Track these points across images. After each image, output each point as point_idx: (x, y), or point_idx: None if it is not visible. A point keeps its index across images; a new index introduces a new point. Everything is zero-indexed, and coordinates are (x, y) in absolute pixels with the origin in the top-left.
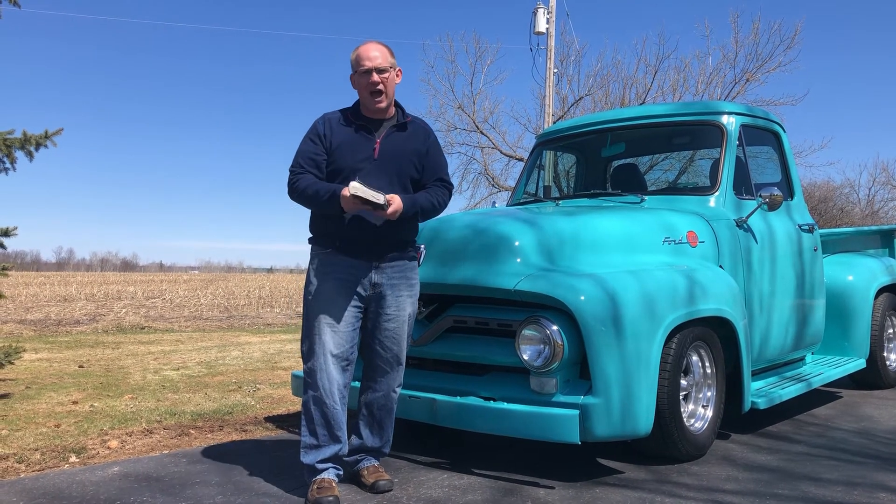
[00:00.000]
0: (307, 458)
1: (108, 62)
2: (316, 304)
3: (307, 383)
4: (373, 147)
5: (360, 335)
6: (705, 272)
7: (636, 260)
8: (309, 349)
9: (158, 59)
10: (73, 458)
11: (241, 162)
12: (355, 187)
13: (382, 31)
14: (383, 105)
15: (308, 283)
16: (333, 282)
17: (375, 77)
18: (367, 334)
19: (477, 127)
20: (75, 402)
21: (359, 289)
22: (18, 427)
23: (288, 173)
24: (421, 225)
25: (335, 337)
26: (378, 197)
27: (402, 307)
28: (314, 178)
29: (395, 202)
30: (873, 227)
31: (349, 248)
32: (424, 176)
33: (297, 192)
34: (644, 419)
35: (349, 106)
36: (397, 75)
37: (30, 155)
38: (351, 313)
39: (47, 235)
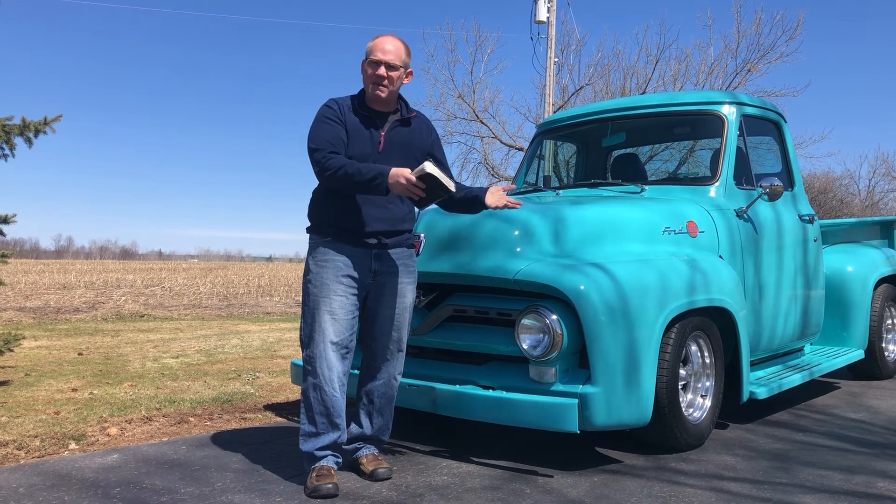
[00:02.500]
0: (306, 445)
1: (107, 49)
2: (315, 292)
3: (306, 371)
4: (378, 140)
5: (359, 323)
6: (705, 262)
7: (636, 250)
8: (308, 337)
9: (158, 47)
10: (72, 445)
11: (241, 150)
12: (431, 167)
13: (383, 20)
14: (382, 96)
15: (307, 271)
16: (332, 270)
17: (383, 71)
18: (367, 322)
19: (477, 116)
20: (74, 390)
21: (359, 277)
22: (18, 414)
23: (313, 155)
24: (420, 213)
25: (334, 325)
26: (451, 184)
27: (403, 294)
28: (351, 160)
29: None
30: (873, 218)
31: (348, 237)
32: None
33: (331, 170)
34: (643, 408)
35: (355, 94)
36: (407, 76)
37: (29, 141)
38: (350, 301)
39: (46, 223)
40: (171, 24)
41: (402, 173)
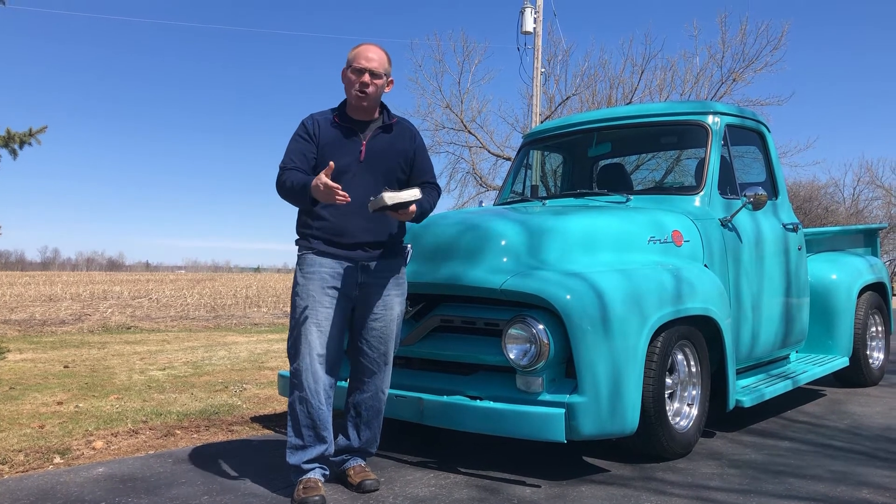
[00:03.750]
0: (293, 458)
1: (91, 60)
2: (303, 304)
3: (293, 384)
4: (359, 149)
5: (347, 335)
6: (690, 271)
7: (622, 259)
8: (295, 349)
9: (141, 57)
10: (57, 459)
11: (228, 160)
12: (391, 197)
13: (369, 30)
14: (365, 105)
15: (295, 282)
16: (320, 282)
17: (367, 78)
18: (355, 334)
19: (465, 126)
20: (60, 403)
21: (346, 289)
22: (2, 428)
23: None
24: (407, 224)
25: (321, 337)
26: (415, 193)
27: (390, 306)
28: (297, 173)
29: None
30: (857, 227)
31: (335, 248)
32: (413, 178)
33: (280, 187)
34: (629, 418)
35: (335, 106)
36: (388, 84)
37: (14, 153)
38: (338, 313)
39: (32, 235)
40: (158, 34)
41: (319, 180)
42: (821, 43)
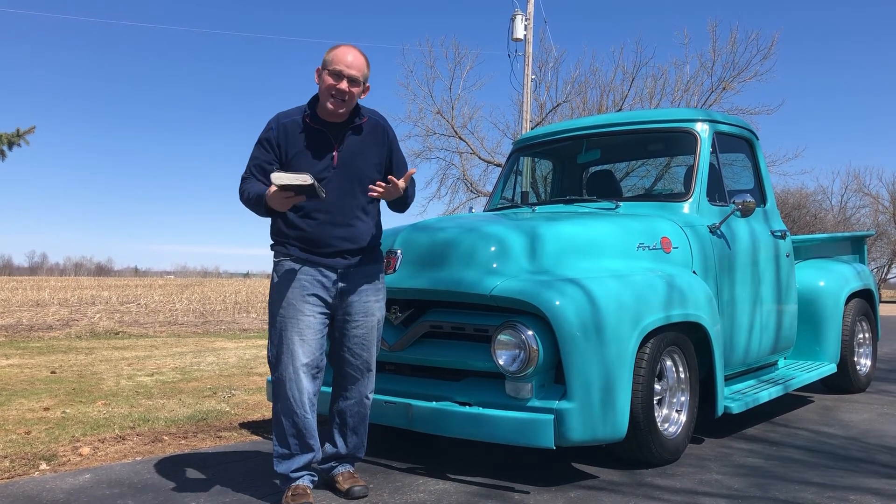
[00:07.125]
0: (280, 467)
1: (80, 63)
2: (282, 312)
3: (277, 394)
4: (331, 155)
5: (328, 342)
6: (679, 278)
7: (611, 265)
8: (277, 358)
9: (132, 61)
10: (43, 466)
11: (217, 165)
12: (278, 177)
13: (362, 35)
14: (342, 112)
15: (273, 290)
16: (299, 289)
17: (345, 85)
18: (336, 342)
19: (455, 132)
20: (47, 409)
21: (325, 295)
22: None
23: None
24: (397, 229)
25: (304, 346)
26: (305, 178)
27: (370, 312)
28: (255, 183)
29: (406, 175)
30: (845, 234)
31: (313, 255)
32: (394, 175)
33: (240, 196)
34: (619, 423)
35: (304, 105)
36: (364, 91)
37: (2, 154)
38: (318, 321)
39: (20, 239)
40: (147, 37)
41: (269, 192)
42: (810, 53)
